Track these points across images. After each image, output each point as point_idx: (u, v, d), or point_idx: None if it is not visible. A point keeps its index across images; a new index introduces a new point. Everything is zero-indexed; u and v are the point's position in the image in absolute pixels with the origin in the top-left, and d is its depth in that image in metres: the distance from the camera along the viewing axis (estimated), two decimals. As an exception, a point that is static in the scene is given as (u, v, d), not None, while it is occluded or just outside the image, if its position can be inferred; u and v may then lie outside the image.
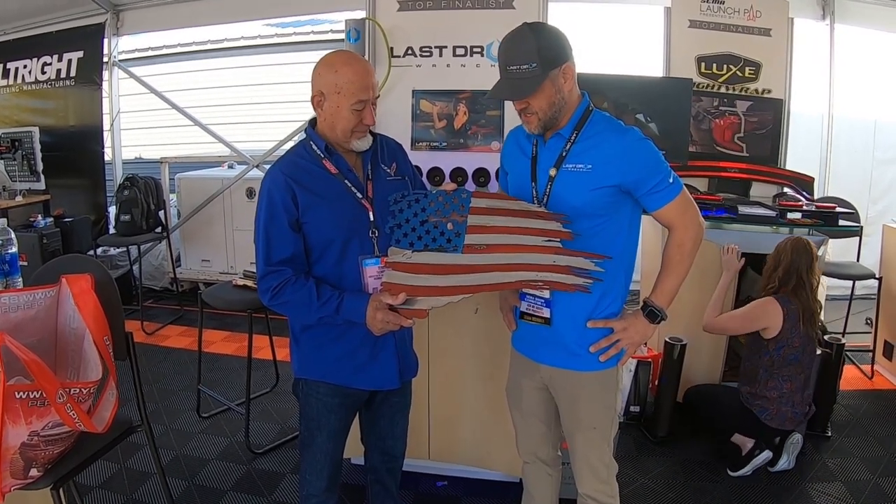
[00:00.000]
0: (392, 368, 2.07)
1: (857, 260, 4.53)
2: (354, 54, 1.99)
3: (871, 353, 4.44)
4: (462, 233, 1.82)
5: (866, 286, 4.73)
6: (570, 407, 2.07)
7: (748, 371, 3.23)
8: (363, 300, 1.89)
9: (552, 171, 1.90)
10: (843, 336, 3.70)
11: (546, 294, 1.94)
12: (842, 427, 3.65)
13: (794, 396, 3.12)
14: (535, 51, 1.77)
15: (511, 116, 2.92)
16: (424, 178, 3.00)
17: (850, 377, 4.25)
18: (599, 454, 2.08)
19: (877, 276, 4.31)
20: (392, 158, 2.11)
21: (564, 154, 1.89)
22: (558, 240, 1.81)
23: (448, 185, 1.88)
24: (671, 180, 1.86)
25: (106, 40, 6.12)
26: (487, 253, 1.82)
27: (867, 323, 4.69)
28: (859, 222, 4.37)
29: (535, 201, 1.93)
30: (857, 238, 4.40)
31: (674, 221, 1.91)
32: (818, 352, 3.27)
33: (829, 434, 3.54)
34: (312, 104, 1.96)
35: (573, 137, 1.88)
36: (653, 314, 1.97)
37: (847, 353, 4.04)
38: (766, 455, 3.15)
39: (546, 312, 1.96)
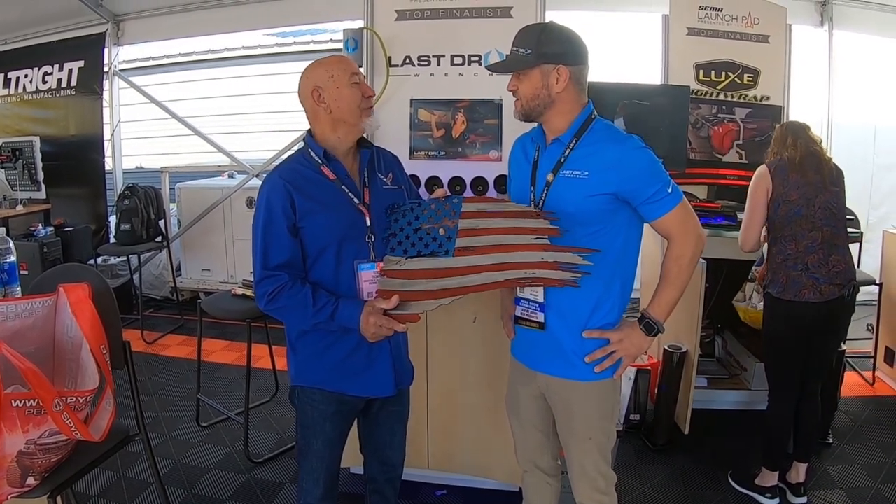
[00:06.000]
0: (387, 375, 2.08)
1: (858, 266, 4.51)
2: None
3: (872, 360, 4.42)
4: (453, 237, 1.83)
5: (867, 292, 4.70)
6: (566, 417, 2.06)
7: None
8: (358, 307, 1.90)
9: (549, 177, 1.91)
10: (843, 342, 3.67)
11: (540, 298, 1.95)
12: (843, 434, 3.64)
13: (805, 257, 2.80)
14: (535, 40, 1.84)
15: (509, 126, 2.93)
16: (423, 187, 3.01)
17: (852, 384, 4.24)
18: (596, 465, 2.06)
19: (877, 282, 4.30)
20: (389, 169, 2.15)
21: (563, 160, 1.90)
22: (546, 237, 1.82)
23: (438, 192, 1.91)
24: (670, 190, 1.85)
25: (106, 50, 6.17)
26: (478, 255, 1.83)
27: (868, 329, 4.68)
28: (859, 228, 4.36)
29: (532, 205, 1.95)
30: (858, 244, 4.38)
31: (672, 232, 1.91)
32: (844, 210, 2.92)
33: (831, 441, 3.52)
34: (311, 104, 1.98)
35: (572, 144, 1.90)
36: (649, 327, 1.95)
37: (848, 359, 4.03)
38: (773, 502, 3.04)
39: (540, 317, 1.96)
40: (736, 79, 4.39)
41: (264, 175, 5.01)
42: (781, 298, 2.85)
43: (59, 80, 6.20)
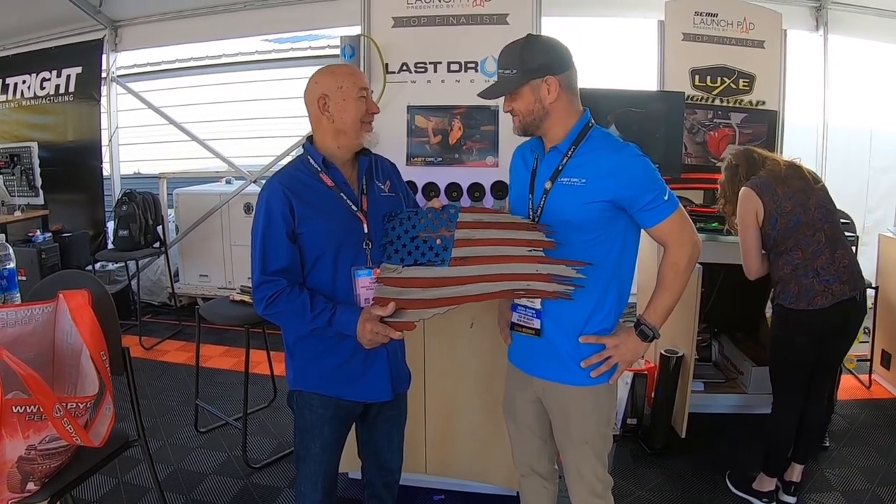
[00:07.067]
0: (385, 380, 2.10)
1: (854, 269, 4.52)
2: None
3: (868, 363, 4.44)
4: (449, 247, 1.86)
5: (863, 295, 4.72)
6: (562, 421, 2.08)
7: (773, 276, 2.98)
8: (355, 313, 1.92)
9: (547, 185, 1.93)
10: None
11: (537, 305, 1.96)
12: (840, 437, 3.65)
13: (814, 262, 2.79)
14: (518, 58, 1.87)
15: (505, 132, 2.94)
16: (420, 194, 3.02)
17: (848, 387, 4.26)
18: (592, 469, 2.08)
19: (873, 285, 4.31)
20: (386, 177, 2.17)
21: (560, 168, 1.92)
22: (541, 249, 1.84)
23: (435, 202, 1.92)
24: (666, 197, 1.88)
25: (104, 56, 6.17)
26: (473, 265, 1.86)
27: (865, 332, 4.68)
28: (855, 232, 4.37)
29: (531, 213, 1.97)
30: (854, 248, 4.39)
31: (668, 239, 1.93)
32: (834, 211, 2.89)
33: (827, 444, 3.53)
34: (315, 110, 2.00)
35: (570, 152, 1.92)
36: (644, 333, 1.97)
37: (844, 362, 4.04)
38: None
39: (536, 324, 1.98)
40: (731, 84, 4.42)
41: (262, 181, 5.02)
42: (795, 308, 2.82)
43: (57, 86, 6.20)
